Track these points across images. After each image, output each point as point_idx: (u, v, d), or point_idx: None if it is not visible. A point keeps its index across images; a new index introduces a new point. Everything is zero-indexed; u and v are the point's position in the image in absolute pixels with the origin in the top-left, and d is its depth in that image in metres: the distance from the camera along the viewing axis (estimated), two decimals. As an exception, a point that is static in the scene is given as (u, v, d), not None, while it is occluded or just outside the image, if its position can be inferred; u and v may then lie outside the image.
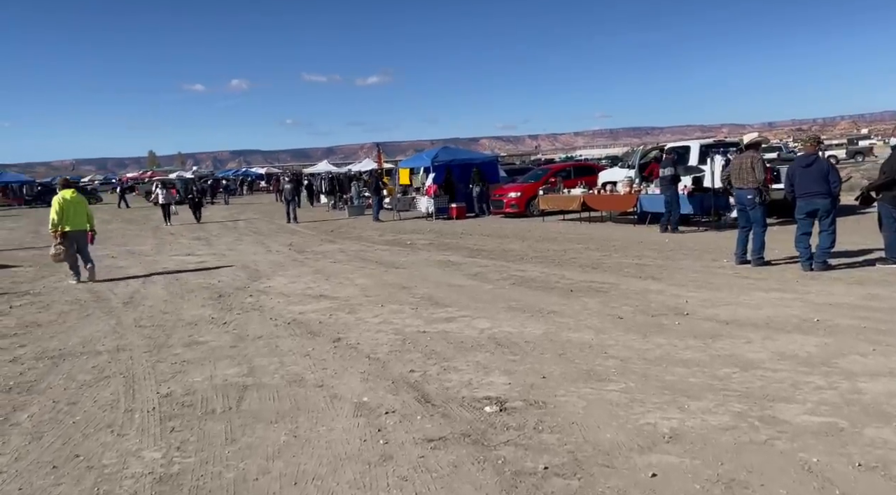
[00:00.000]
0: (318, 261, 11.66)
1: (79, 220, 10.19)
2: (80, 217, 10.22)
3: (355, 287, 8.90)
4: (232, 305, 8.00)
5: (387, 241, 14.63)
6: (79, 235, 10.22)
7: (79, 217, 10.20)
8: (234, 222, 22.26)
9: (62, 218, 9.98)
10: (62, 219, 9.98)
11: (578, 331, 6.02)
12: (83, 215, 10.31)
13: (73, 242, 10.13)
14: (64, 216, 9.99)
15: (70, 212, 10.07)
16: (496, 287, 8.47)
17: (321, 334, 6.35)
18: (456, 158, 21.31)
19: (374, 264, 11.04)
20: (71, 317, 7.64)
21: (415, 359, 5.40)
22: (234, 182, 53.53)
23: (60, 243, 9.94)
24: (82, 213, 10.30)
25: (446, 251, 12.39)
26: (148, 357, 5.76)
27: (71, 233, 10.06)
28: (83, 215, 10.31)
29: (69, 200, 10.12)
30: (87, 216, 10.40)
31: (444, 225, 18.30)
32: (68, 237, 10.03)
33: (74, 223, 10.10)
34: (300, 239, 16.02)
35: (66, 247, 9.97)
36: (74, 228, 10.10)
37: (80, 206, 10.30)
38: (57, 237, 9.97)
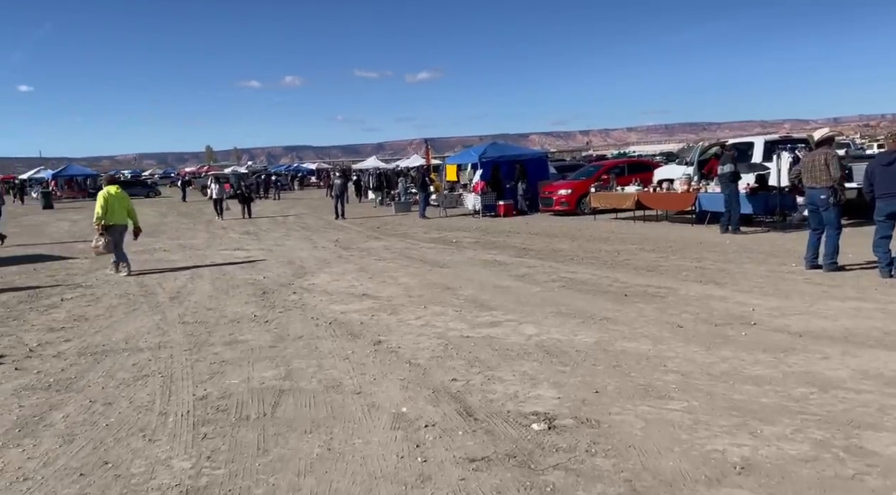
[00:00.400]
0: (363, 259, 11.51)
1: (121, 215, 10.52)
2: (122, 212, 10.55)
3: (398, 286, 8.68)
4: (275, 303, 7.89)
5: (432, 239, 14.40)
6: (121, 229, 10.56)
7: (121, 212, 10.53)
8: (283, 217, 22.47)
9: (105, 212, 10.30)
10: (105, 213, 10.30)
11: (634, 341, 5.63)
12: (125, 210, 10.63)
13: (115, 235, 10.45)
14: (107, 211, 10.32)
15: (114, 208, 10.40)
16: (544, 289, 8.11)
17: (362, 336, 6.14)
18: (504, 154, 20.92)
19: (418, 262, 10.81)
20: (118, 311, 7.66)
21: (457, 366, 5.12)
22: (285, 177, 54.35)
23: (102, 236, 10.27)
24: (124, 209, 10.62)
25: (493, 250, 12.07)
26: (188, 355, 5.66)
27: (113, 227, 10.40)
28: (125, 210, 10.63)
29: (113, 196, 10.47)
30: (128, 212, 10.70)
31: (491, 222, 17.96)
32: (110, 231, 10.37)
33: (117, 218, 10.45)
34: (346, 235, 15.96)
35: (107, 241, 10.28)
36: (116, 223, 10.45)
37: (122, 202, 10.62)
38: (99, 230, 10.31)
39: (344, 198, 21.27)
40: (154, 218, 25.11)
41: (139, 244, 15.32)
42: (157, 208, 31.44)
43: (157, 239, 16.65)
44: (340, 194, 21.02)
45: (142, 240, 16.32)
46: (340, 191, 21.07)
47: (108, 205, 10.36)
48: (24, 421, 4.15)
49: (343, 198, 21.14)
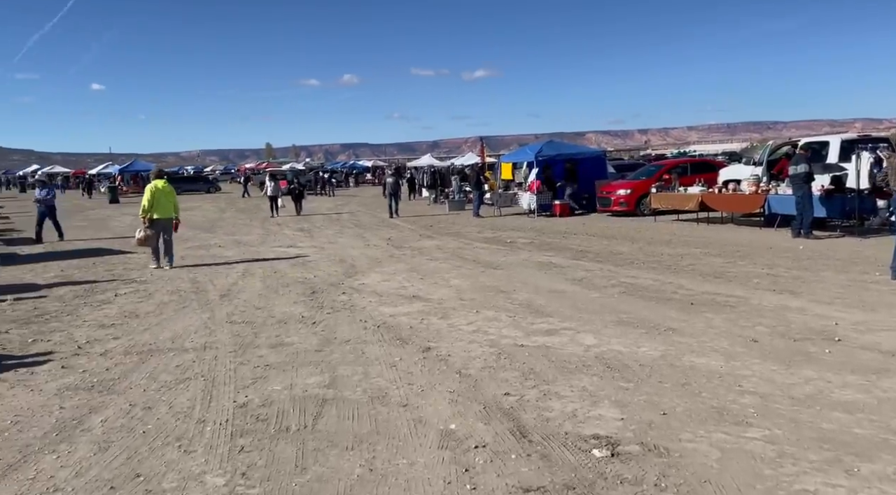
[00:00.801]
0: (415, 258, 11.28)
1: (167, 209, 10.64)
2: (168, 206, 10.67)
3: (450, 288, 8.40)
4: (323, 303, 7.73)
5: (485, 239, 14.06)
6: (165, 223, 10.69)
7: (167, 206, 10.65)
8: (337, 215, 22.54)
9: (152, 205, 10.48)
10: (152, 206, 10.47)
11: (703, 356, 5.17)
12: (171, 205, 10.74)
13: (160, 229, 10.64)
14: (153, 205, 10.48)
15: (160, 201, 10.54)
16: (603, 295, 7.67)
17: (411, 341, 5.87)
18: (560, 153, 20.36)
19: (471, 263, 10.50)
20: (168, 308, 7.65)
21: (510, 378, 4.78)
22: (340, 174, 54.94)
23: (147, 228, 10.47)
24: (170, 203, 10.74)
25: (548, 252, 11.64)
26: (232, 357, 5.52)
27: (158, 220, 10.55)
28: (171, 205, 10.74)
29: (160, 190, 10.62)
30: (174, 206, 10.82)
31: (547, 223, 17.48)
32: (155, 224, 10.54)
33: (162, 211, 10.57)
34: (399, 233, 15.79)
35: (152, 234, 10.50)
36: (162, 216, 10.58)
37: (169, 196, 10.74)
38: (145, 223, 10.50)
39: (398, 196, 21.11)
40: (213, 213, 25.62)
41: (196, 239, 15.62)
42: (216, 204, 32.14)
43: (213, 234, 16.90)
44: (394, 192, 20.87)
45: (199, 235, 16.69)
46: (394, 189, 20.92)
47: (154, 198, 10.51)
48: (63, 425, 4.05)
49: (397, 196, 20.98)
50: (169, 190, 10.85)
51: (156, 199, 10.54)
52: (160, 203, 10.58)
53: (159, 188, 10.65)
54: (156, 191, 10.59)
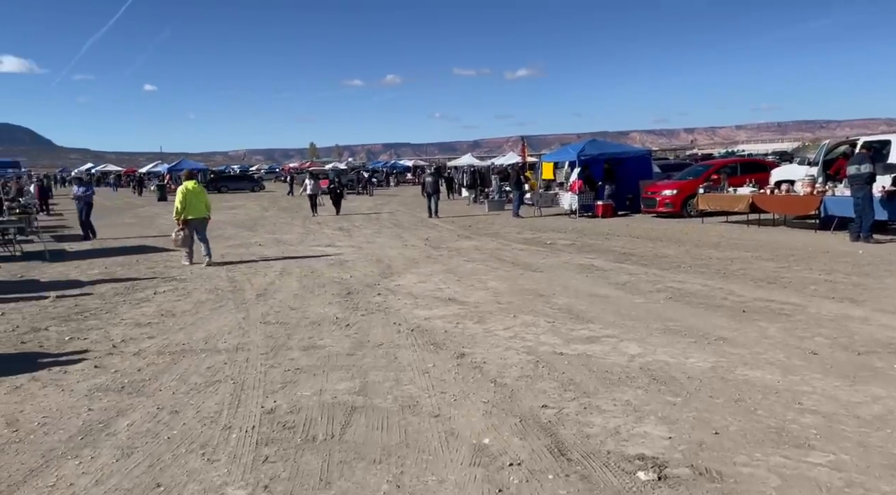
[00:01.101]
0: (452, 259, 11.08)
1: (199, 209, 10.96)
2: (199, 206, 10.98)
3: (487, 291, 8.17)
4: (358, 304, 7.59)
5: (525, 240, 13.77)
6: (198, 223, 11.02)
7: (199, 206, 10.97)
8: (376, 214, 22.51)
9: (184, 207, 10.78)
10: (184, 208, 10.78)
11: (758, 368, 4.82)
12: (203, 204, 11.06)
13: (193, 229, 10.95)
14: (186, 205, 10.80)
15: (192, 202, 10.85)
16: (648, 301, 7.33)
17: (445, 347, 5.67)
18: (604, 152, 19.88)
19: (509, 265, 10.24)
20: (205, 307, 7.63)
21: (549, 389, 4.53)
22: (381, 174, 55.17)
23: (182, 229, 10.81)
24: (202, 203, 11.05)
25: (590, 254, 11.29)
26: (264, 360, 5.41)
27: (192, 220, 10.88)
28: (203, 204, 11.06)
29: (191, 191, 10.95)
30: (206, 205, 11.13)
31: (588, 223, 17.06)
32: (189, 224, 10.88)
33: (195, 212, 10.90)
34: (437, 233, 15.62)
35: (186, 233, 10.83)
36: (195, 216, 10.91)
37: (200, 196, 11.06)
38: (179, 223, 10.85)
39: (437, 195, 20.89)
40: (256, 212, 25.92)
41: (238, 237, 15.77)
42: (260, 202, 32.56)
43: (255, 233, 17.03)
44: (433, 192, 20.66)
45: (241, 233, 16.84)
46: (433, 189, 20.72)
47: (186, 199, 10.80)
48: (89, 428, 3.98)
49: (436, 195, 20.77)
50: (199, 190, 11.18)
51: (187, 200, 10.83)
52: (192, 203, 10.88)
53: (190, 189, 10.96)
54: (187, 192, 10.89)
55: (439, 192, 21.66)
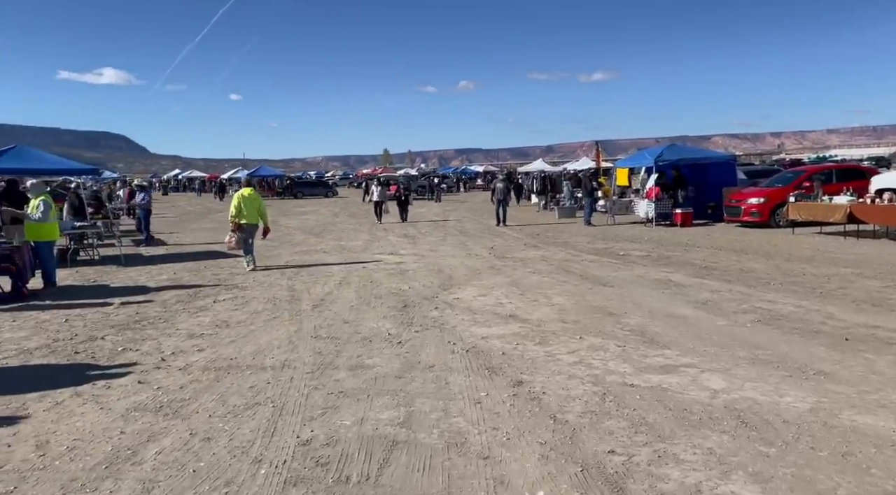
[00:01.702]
0: (516, 271, 10.56)
1: (251, 215, 11.31)
2: (252, 213, 11.32)
3: (551, 307, 7.62)
4: (413, 319, 7.23)
5: (596, 250, 13.06)
6: (251, 228, 11.35)
7: (252, 213, 11.31)
8: (443, 221, 22.19)
9: (238, 212, 11.18)
10: (238, 213, 11.18)
11: (868, 412, 4.10)
12: (255, 211, 11.39)
13: (247, 234, 11.29)
14: (240, 211, 11.18)
15: (246, 208, 11.20)
16: (732, 323, 6.60)
17: (501, 372, 5.20)
18: (683, 157, 18.80)
19: (577, 278, 9.63)
20: (260, 318, 7.46)
21: (617, 430, 3.98)
22: (451, 179, 55.07)
23: (234, 233, 11.22)
24: (255, 210, 11.38)
25: (667, 267, 10.51)
26: (308, 380, 5.11)
27: (244, 225, 11.23)
28: (255, 211, 11.39)
29: (246, 198, 11.35)
30: (259, 212, 11.44)
31: (666, 233, 16.11)
32: (242, 229, 11.23)
33: (248, 217, 11.24)
34: (503, 242, 15.11)
35: (238, 238, 11.22)
36: (248, 222, 11.26)
37: (253, 203, 11.40)
38: (233, 228, 11.24)
39: (506, 202, 20.27)
40: (327, 217, 26.18)
41: (305, 244, 15.81)
42: (332, 208, 33.00)
43: (321, 239, 17.06)
44: (503, 199, 20.04)
45: (309, 239, 16.91)
46: (503, 196, 20.09)
47: (239, 206, 11.20)
48: (116, 455, 3.75)
49: (505, 202, 20.16)
50: (254, 197, 11.55)
51: (242, 206, 11.22)
52: (246, 209, 11.24)
53: (244, 196, 11.38)
54: (241, 199, 11.31)
55: (509, 200, 21.01)
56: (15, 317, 7.64)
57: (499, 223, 19.46)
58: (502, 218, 19.59)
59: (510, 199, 21.50)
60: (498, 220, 19.60)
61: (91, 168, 12.91)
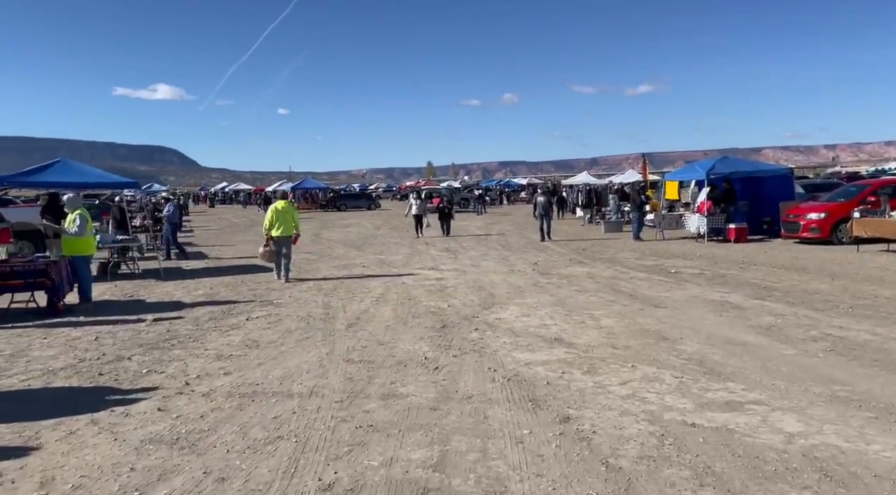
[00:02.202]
0: (562, 289, 10.05)
1: (286, 228, 11.53)
2: (287, 225, 11.55)
3: (600, 330, 7.11)
4: (452, 341, 6.82)
5: (646, 267, 12.43)
6: (285, 240, 11.56)
7: (286, 225, 11.54)
8: (486, 235, 21.74)
9: (272, 224, 11.46)
10: (272, 225, 11.46)
11: (980, 471, 3.49)
12: (290, 223, 11.62)
13: (280, 246, 11.54)
14: (274, 223, 11.45)
15: (279, 220, 11.46)
16: (802, 353, 5.98)
17: (545, 405, 4.74)
18: (737, 170, 17.94)
19: (626, 298, 9.07)
20: (292, 338, 7.17)
21: (679, 481, 3.49)
22: (494, 192, 54.62)
23: (267, 244, 11.54)
24: (289, 222, 11.61)
25: (723, 287, 9.84)
26: (336, 410, 4.75)
27: (278, 237, 11.47)
28: (290, 223, 11.62)
29: (279, 210, 11.60)
30: (293, 224, 11.68)
31: (719, 249, 15.32)
32: (276, 241, 11.49)
33: (282, 230, 11.48)
34: (547, 257, 14.59)
35: (272, 249, 11.51)
36: (281, 234, 11.48)
37: (287, 216, 11.63)
38: (266, 239, 11.56)
39: (549, 216, 19.66)
40: (369, 230, 26.03)
41: (345, 257, 15.62)
42: (374, 221, 32.94)
43: (362, 253, 16.85)
44: (545, 212, 19.35)
45: (349, 253, 16.73)
46: (545, 209, 19.43)
47: (273, 218, 11.48)
48: (122, 495, 3.45)
49: (548, 216, 19.57)
50: (288, 209, 11.79)
51: (276, 219, 11.48)
52: (280, 222, 11.48)
53: (278, 209, 11.63)
54: (276, 211, 11.58)
55: (552, 214, 20.34)
56: (47, 333, 7.54)
57: (543, 238, 18.91)
58: (546, 232, 19.04)
59: (553, 213, 20.74)
60: (542, 236, 19.04)
61: (131, 181, 12.95)
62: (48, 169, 12.12)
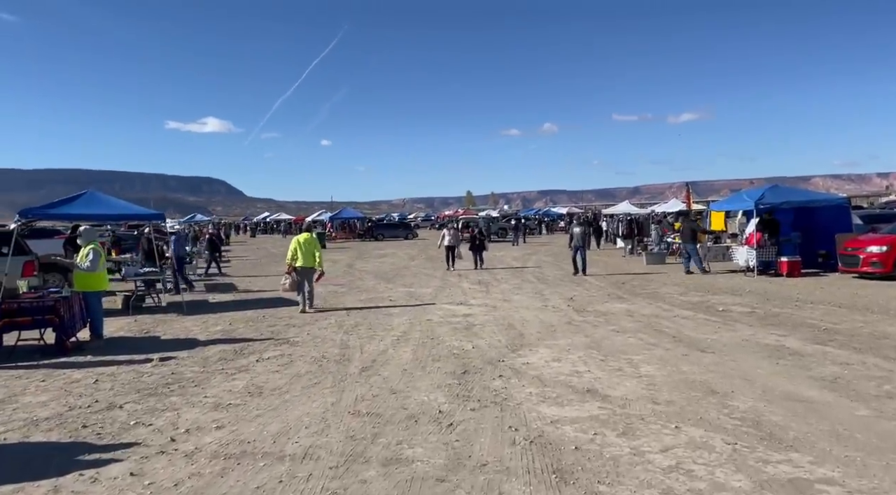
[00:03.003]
0: (598, 328, 9.29)
1: (308, 259, 11.84)
2: (309, 256, 11.85)
3: (639, 380, 6.35)
4: (472, 390, 6.17)
5: (691, 304, 11.54)
6: (306, 271, 11.90)
7: (308, 256, 11.84)
8: (521, 267, 21.00)
9: (293, 256, 11.79)
10: (294, 256, 11.78)
11: None
12: (312, 255, 11.90)
13: (303, 277, 11.86)
14: (296, 254, 11.78)
15: (301, 252, 11.80)
16: (877, 413, 5.12)
17: (572, 479, 4.03)
18: (789, 200, 16.86)
19: (669, 340, 8.26)
20: (299, 384, 6.62)
21: None
22: (532, 221, 53.83)
23: (289, 275, 11.81)
24: (311, 254, 11.90)
25: (777, 328, 8.94)
26: (329, 479, 4.14)
27: (300, 268, 11.81)
28: (312, 255, 11.90)
29: (301, 242, 11.93)
30: (314, 256, 11.91)
31: (770, 284, 14.27)
32: (298, 271, 11.80)
33: (302, 261, 11.80)
34: (584, 292, 13.80)
35: (294, 279, 11.78)
36: (303, 265, 11.82)
37: (309, 247, 11.93)
38: (288, 270, 11.85)
39: (585, 249, 18.26)
40: (402, 261, 25.58)
41: (374, 290, 15.14)
42: (409, 250, 32.53)
43: (392, 285, 16.34)
44: (581, 245, 17.97)
45: (378, 285, 16.24)
46: (581, 242, 17.99)
47: (295, 249, 11.80)
48: None
49: (584, 249, 18.17)
50: (311, 241, 12.08)
51: (298, 250, 11.80)
52: (302, 253, 11.79)
53: (301, 241, 11.94)
54: (298, 243, 11.90)
55: (588, 245, 19.00)
56: (47, 375, 7.16)
57: (577, 271, 17.87)
58: (581, 267, 17.87)
59: (590, 244, 19.12)
60: (576, 269, 17.89)
61: (155, 213, 12.75)
62: (75, 201, 12.03)
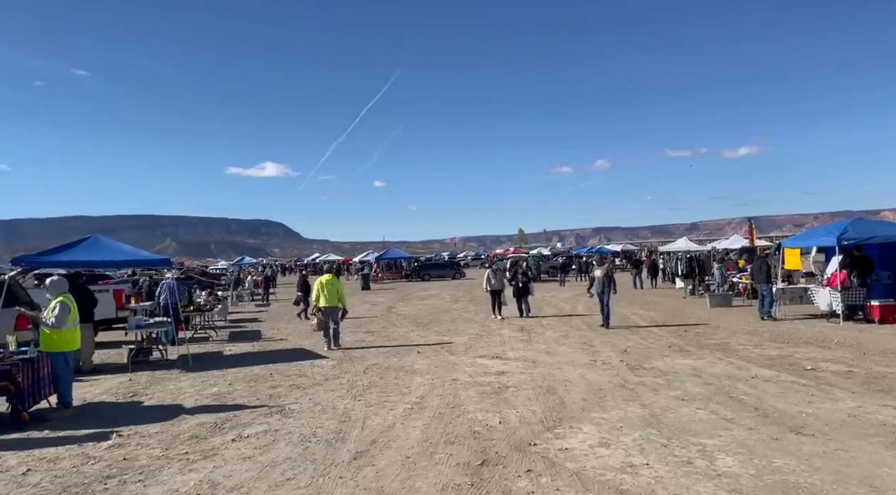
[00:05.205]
0: (658, 395, 7.56)
1: (331, 299, 12.37)
2: (332, 296, 12.39)
3: (717, 482, 4.65)
4: (489, 493, 4.60)
5: (770, 360, 9.63)
6: (331, 311, 12.40)
7: (331, 296, 12.38)
8: (569, 315, 19.08)
9: (317, 296, 12.40)
10: (317, 297, 12.39)
11: None
12: (335, 295, 12.44)
13: (327, 316, 12.33)
14: (319, 295, 12.37)
15: (325, 292, 12.35)
16: None
17: None
18: (876, 235, 14.66)
19: (750, 414, 6.49)
20: (265, 482, 5.18)
21: None
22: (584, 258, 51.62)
23: (315, 315, 12.48)
24: (334, 294, 12.44)
25: (888, 396, 7.04)
26: None
27: (324, 308, 12.31)
28: (335, 295, 12.44)
29: (324, 283, 12.51)
30: (338, 296, 12.48)
31: (862, 333, 12.14)
32: (323, 311, 12.31)
33: (325, 301, 12.33)
34: (640, 342, 12.00)
35: (320, 319, 12.33)
36: (327, 305, 12.34)
37: (332, 288, 12.46)
38: (313, 310, 12.57)
39: (607, 295, 14.64)
40: (445, 303, 24.14)
41: (402, 339, 13.75)
42: (454, 291, 31.08)
43: (426, 332, 14.90)
44: (602, 291, 14.59)
45: (410, 333, 14.82)
46: (602, 288, 14.58)
47: (319, 290, 12.36)
48: None
49: (606, 295, 14.62)
50: (333, 282, 12.59)
51: (321, 291, 12.35)
52: (325, 294, 12.33)
53: (323, 282, 12.49)
54: (320, 284, 12.45)
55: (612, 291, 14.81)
56: (-23, 459, 5.98)
57: (604, 323, 14.56)
58: (606, 317, 14.59)
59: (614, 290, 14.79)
60: (604, 320, 14.61)
61: (162, 258, 11.79)
62: (77, 246, 11.21)
